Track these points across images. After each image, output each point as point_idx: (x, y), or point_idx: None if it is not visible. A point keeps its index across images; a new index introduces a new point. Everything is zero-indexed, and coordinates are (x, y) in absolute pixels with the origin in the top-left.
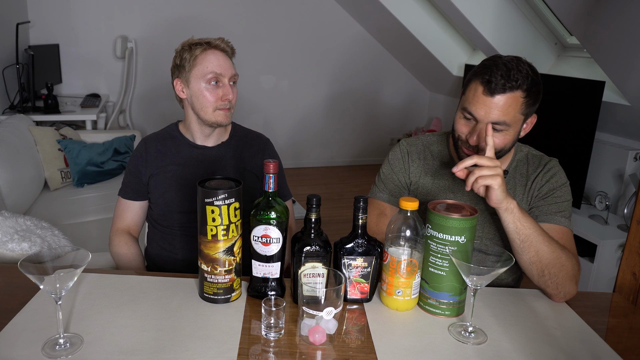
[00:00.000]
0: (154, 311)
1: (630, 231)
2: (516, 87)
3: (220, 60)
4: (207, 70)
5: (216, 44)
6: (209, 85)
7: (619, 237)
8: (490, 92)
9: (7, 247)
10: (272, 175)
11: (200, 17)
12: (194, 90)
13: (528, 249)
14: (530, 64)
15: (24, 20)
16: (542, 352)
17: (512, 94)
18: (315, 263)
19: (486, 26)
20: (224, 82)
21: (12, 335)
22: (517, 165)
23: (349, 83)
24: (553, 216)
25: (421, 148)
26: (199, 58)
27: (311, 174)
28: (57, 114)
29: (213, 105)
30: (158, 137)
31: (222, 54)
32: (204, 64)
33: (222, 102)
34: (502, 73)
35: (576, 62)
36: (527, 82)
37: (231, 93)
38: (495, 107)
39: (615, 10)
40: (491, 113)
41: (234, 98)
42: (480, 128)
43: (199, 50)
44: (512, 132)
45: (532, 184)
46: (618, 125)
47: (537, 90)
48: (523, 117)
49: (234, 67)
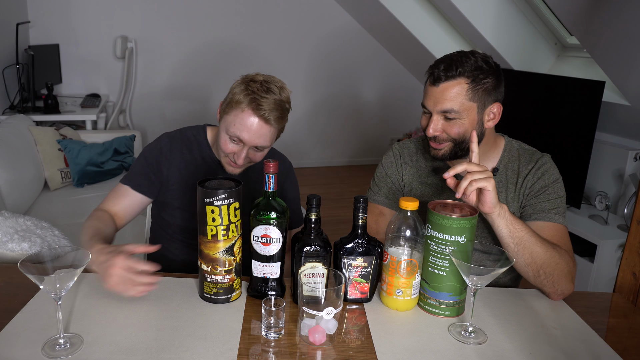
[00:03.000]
0: (154, 311)
1: (630, 231)
2: (457, 75)
3: (253, 129)
4: (232, 130)
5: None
6: (229, 138)
7: (619, 237)
8: (434, 82)
9: (7, 247)
10: (272, 175)
11: (200, 17)
12: (220, 127)
13: (522, 252)
14: (486, 56)
15: (24, 20)
16: (542, 352)
17: (454, 82)
18: (315, 263)
19: (486, 26)
20: (244, 145)
21: (12, 335)
22: (508, 161)
23: (349, 83)
24: (547, 214)
25: (413, 150)
26: (236, 111)
27: (311, 174)
28: (57, 114)
29: (224, 153)
30: (184, 141)
31: (259, 122)
32: (235, 121)
33: (232, 158)
34: (445, 65)
35: (576, 62)
36: (469, 69)
37: (242, 159)
38: (441, 95)
39: (615, 10)
40: (438, 102)
41: (254, 160)
42: (433, 119)
43: (243, 105)
44: (466, 120)
45: (523, 181)
46: (618, 125)
47: (484, 76)
48: (475, 105)
49: (269, 137)
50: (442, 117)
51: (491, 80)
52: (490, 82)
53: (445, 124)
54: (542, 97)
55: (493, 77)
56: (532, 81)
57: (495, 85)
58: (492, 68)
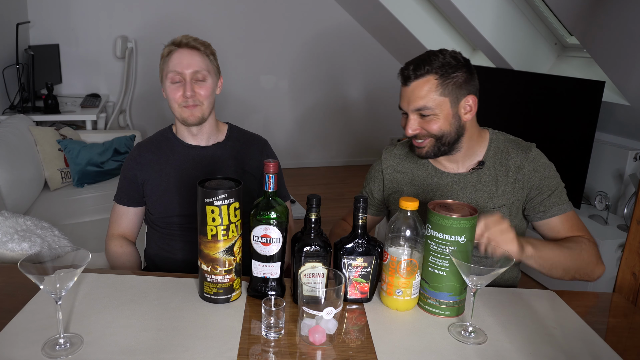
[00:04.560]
0: (154, 311)
1: (630, 231)
2: (425, 73)
3: (183, 57)
4: (169, 69)
5: (183, 42)
6: (172, 84)
7: (619, 237)
8: (405, 82)
9: (7, 247)
10: (272, 175)
11: (200, 17)
12: (165, 90)
13: (556, 271)
14: (455, 52)
15: (24, 20)
16: (542, 352)
17: (424, 79)
18: (315, 263)
19: (486, 26)
20: (185, 79)
21: (12, 335)
22: (494, 154)
23: (349, 83)
24: (557, 208)
25: (403, 154)
26: (166, 58)
27: (311, 174)
28: (57, 114)
29: (177, 102)
30: (152, 142)
31: (187, 52)
32: (168, 63)
33: (184, 100)
34: (414, 65)
35: (576, 62)
36: (437, 65)
37: (189, 90)
38: (412, 94)
39: (615, 10)
40: (411, 101)
41: (202, 94)
42: (410, 119)
43: (167, 51)
44: (442, 116)
45: (517, 175)
46: (618, 125)
47: (452, 71)
48: (447, 99)
49: (202, 62)
50: (418, 115)
51: (461, 74)
52: (460, 76)
53: (422, 121)
54: (542, 97)
55: (463, 71)
56: (532, 81)
57: (466, 79)
58: (460, 62)
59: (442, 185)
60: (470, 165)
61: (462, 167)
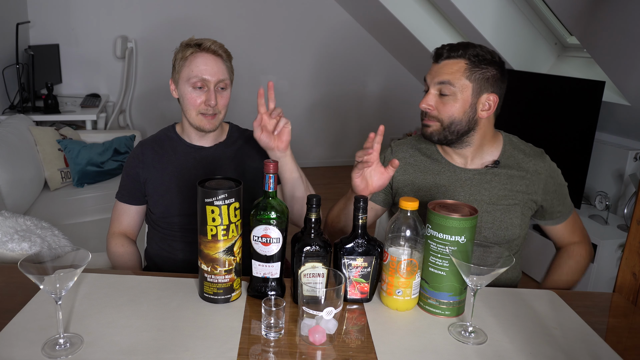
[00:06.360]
0: (154, 311)
1: (630, 231)
2: (459, 56)
3: (209, 64)
4: (193, 74)
5: (207, 47)
6: (193, 89)
7: (619, 237)
8: (437, 59)
9: (7, 247)
10: (272, 175)
11: (200, 17)
12: (181, 92)
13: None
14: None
15: (24, 20)
16: (542, 352)
17: (455, 60)
18: (315, 263)
19: (486, 26)
20: (210, 87)
21: (12, 335)
22: (509, 155)
23: (349, 83)
24: (567, 213)
25: (410, 149)
26: (188, 60)
27: (311, 174)
28: (57, 114)
29: (196, 109)
30: (155, 140)
31: (212, 58)
32: (191, 67)
33: (205, 107)
34: (450, 46)
35: (576, 62)
36: (472, 54)
37: (214, 99)
38: (440, 69)
39: (615, 10)
40: (437, 75)
41: (222, 104)
42: (429, 93)
43: (189, 52)
44: (460, 99)
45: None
46: (618, 125)
47: (485, 64)
48: (471, 85)
49: (226, 71)
50: (438, 92)
51: (492, 70)
52: (490, 71)
53: (438, 101)
54: (542, 97)
55: (494, 68)
56: (532, 81)
57: (495, 77)
58: (494, 60)
59: (455, 180)
60: (483, 162)
61: (471, 163)
